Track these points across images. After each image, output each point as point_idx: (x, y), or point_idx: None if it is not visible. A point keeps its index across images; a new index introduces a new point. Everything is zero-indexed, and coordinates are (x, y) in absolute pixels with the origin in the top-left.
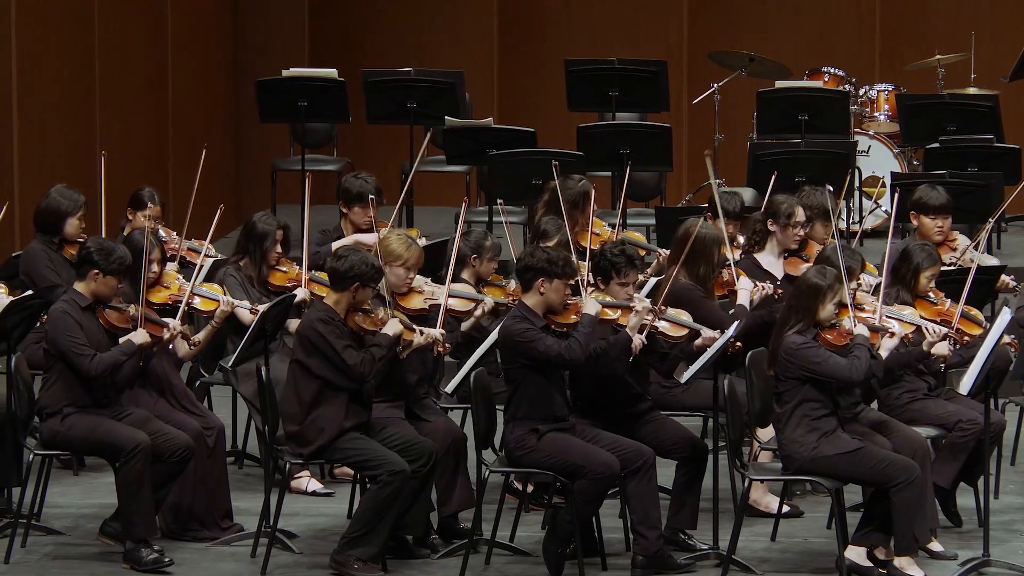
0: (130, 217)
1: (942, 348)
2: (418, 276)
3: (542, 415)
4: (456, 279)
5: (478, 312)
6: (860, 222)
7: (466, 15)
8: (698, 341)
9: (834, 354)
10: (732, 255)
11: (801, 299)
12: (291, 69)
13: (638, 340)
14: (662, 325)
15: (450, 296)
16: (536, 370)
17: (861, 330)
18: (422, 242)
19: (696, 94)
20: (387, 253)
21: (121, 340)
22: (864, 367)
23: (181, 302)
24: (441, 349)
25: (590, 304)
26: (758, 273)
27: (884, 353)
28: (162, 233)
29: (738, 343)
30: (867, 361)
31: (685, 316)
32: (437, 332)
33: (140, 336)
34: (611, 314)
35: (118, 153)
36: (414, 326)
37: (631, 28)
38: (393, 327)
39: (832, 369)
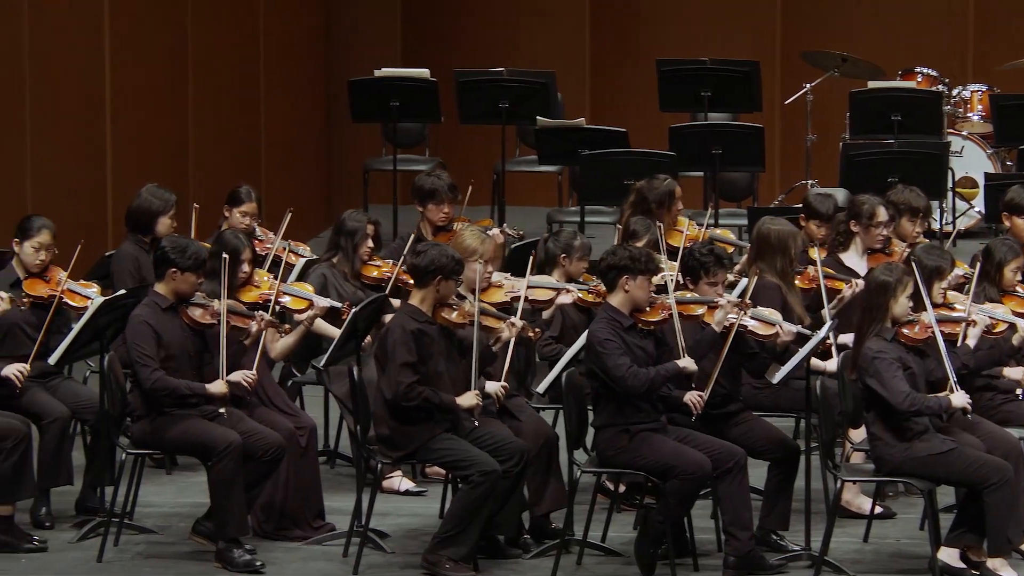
0: (226, 214)
1: None
2: (497, 272)
3: (633, 415)
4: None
5: (560, 300)
6: (953, 223)
7: (559, 15)
8: (781, 337)
9: (900, 377)
10: (820, 256)
11: (872, 298)
12: (383, 69)
13: (691, 364)
14: (751, 323)
15: (530, 287)
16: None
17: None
18: (493, 234)
19: (789, 94)
20: (462, 249)
21: (210, 387)
22: (918, 405)
23: (271, 301)
24: (531, 335)
25: (687, 361)
26: (842, 273)
27: (972, 342)
28: (258, 232)
29: (830, 342)
30: (924, 405)
31: (774, 314)
32: (520, 320)
33: (218, 387)
34: (698, 310)
35: (210, 152)
36: (501, 315)
37: (723, 28)
38: (467, 400)
39: (890, 391)
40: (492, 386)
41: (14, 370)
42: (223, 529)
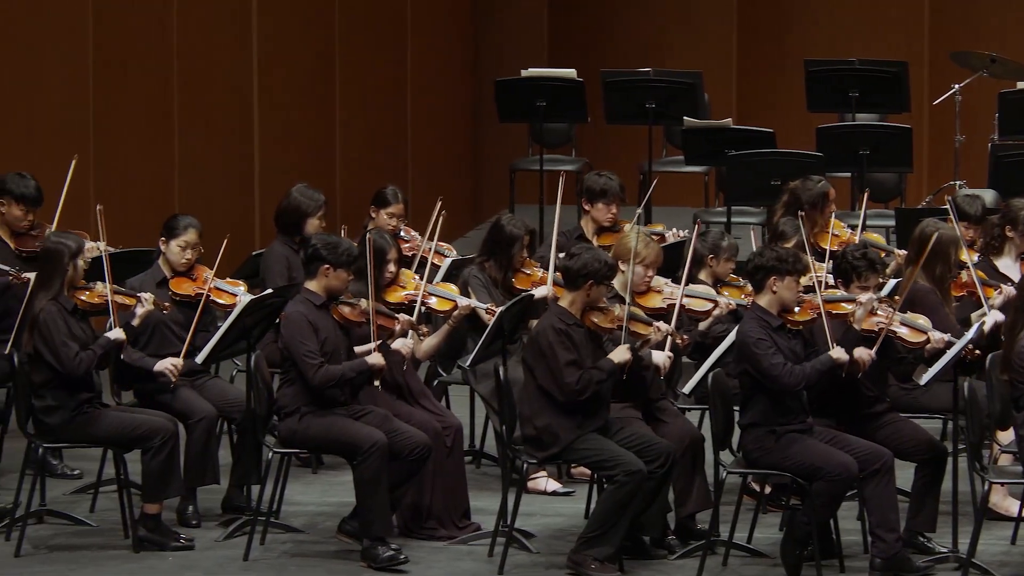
0: (373, 215)
1: None
2: (658, 276)
3: (780, 416)
4: (693, 279)
5: (716, 312)
6: None
7: (705, 15)
8: (929, 345)
9: None
10: (971, 258)
11: (1022, 298)
12: (530, 69)
13: (843, 355)
14: (902, 330)
15: (688, 296)
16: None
17: None
18: (666, 236)
19: (937, 95)
20: (625, 250)
21: (359, 351)
22: None
23: (416, 302)
24: (679, 342)
25: (839, 352)
26: (995, 277)
27: None
28: (403, 233)
29: (976, 351)
30: None
31: (923, 320)
32: (670, 327)
33: (375, 358)
34: (846, 307)
35: (357, 152)
36: (652, 321)
37: (871, 28)
38: (620, 355)
39: None
40: (659, 356)
41: (168, 364)
42: (368, 528)
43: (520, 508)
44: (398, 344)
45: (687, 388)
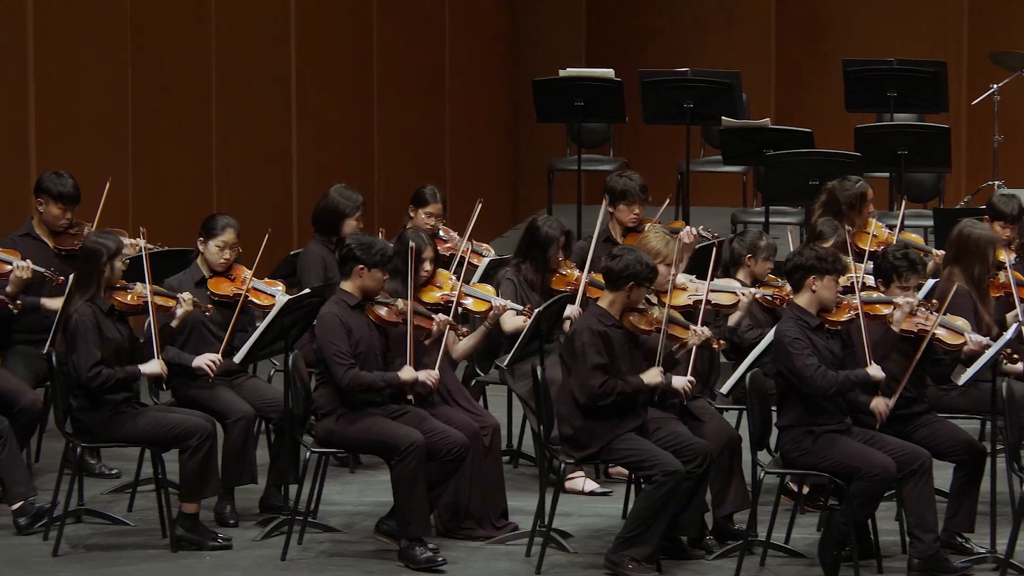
0: (411, 215)
1: None
2: (682, 274)
3: (817, 417)
4: (729, 279)
5: (742, 304)
6: None
7: (744, 15)
8: (967, 347)
9: None
10: (1009, 258)
11: None
12: (568, 69)
13: (879, 373)
14: (940, 332)
15: (712, 290)
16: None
17: None
18: (685, 232)
19: (975, 95)
20: (646, 251)
21: (402, 374)
22: None
23: (453, 302)
24: (716, 346)
25: (876, 370)
26: None
27: None
28: (441, 233)
29: (1015, 354)
30: None
31: (962, 322)
32: (707, 330)
33: (408, 373)
34: (884, 310)
35: (394, 153)
36: (689, 324)
37: (909, 28)
38: (652, 376)
39: None
40: (679, 381)
41: (207, 359)
42: (406, 528)
43: (558, 508)
44: (423, 376)
45: (725, 388)
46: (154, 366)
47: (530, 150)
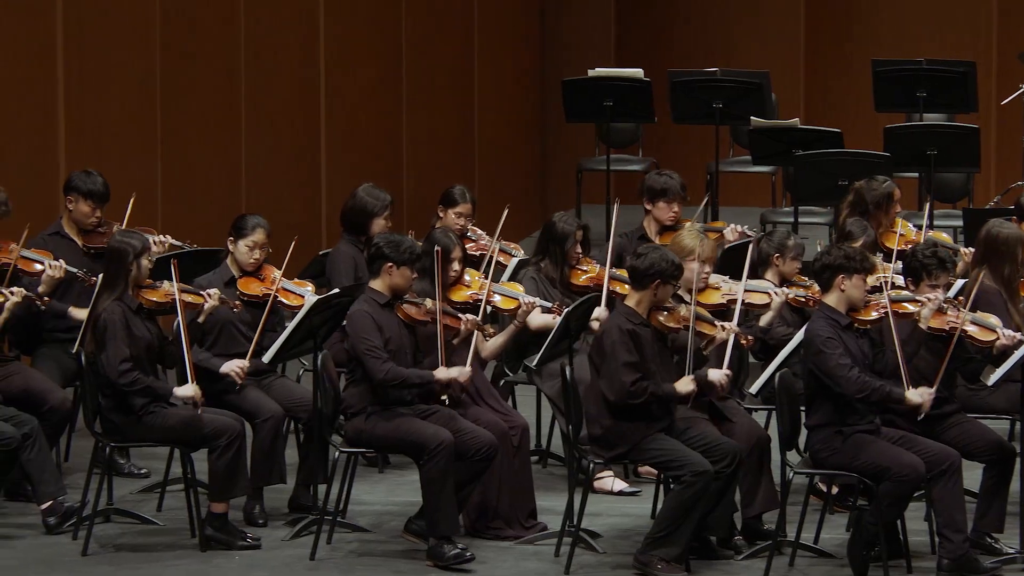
0: (440, 215)
1: None
2: (714, 275)
3: (847, 417)
4: (759, 279)
5: (774, 304)
6: None
7: (773, 15)
8: (999, 342)
9: None
10: None
11: None
12: (597, 69)
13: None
14: (971, 329)
15: (746, 290)
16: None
17: None
18: (728, 233)
19: (1005, 95)
20: (680, 248)
21: (437, 373)
22: None
23: (481, 301)
24: (744, 342)
25: (919, 394)
26: None
27: None
28: (470, 233)
29: None
30: None
31: (994, 319)
32: (735, 326)
33: (443, 373)
34: (910, 308)
35: (423, 153)
36: (716, 321)
37: (939, 28)
38: (685, 385)
39: None
40: (715, 374)
41: (235, 366)
42: (435, 528)
43: (586, 508)
44: (456, 373)
45: (754, 388)
46: (188, 390)
47: (559, 150)
